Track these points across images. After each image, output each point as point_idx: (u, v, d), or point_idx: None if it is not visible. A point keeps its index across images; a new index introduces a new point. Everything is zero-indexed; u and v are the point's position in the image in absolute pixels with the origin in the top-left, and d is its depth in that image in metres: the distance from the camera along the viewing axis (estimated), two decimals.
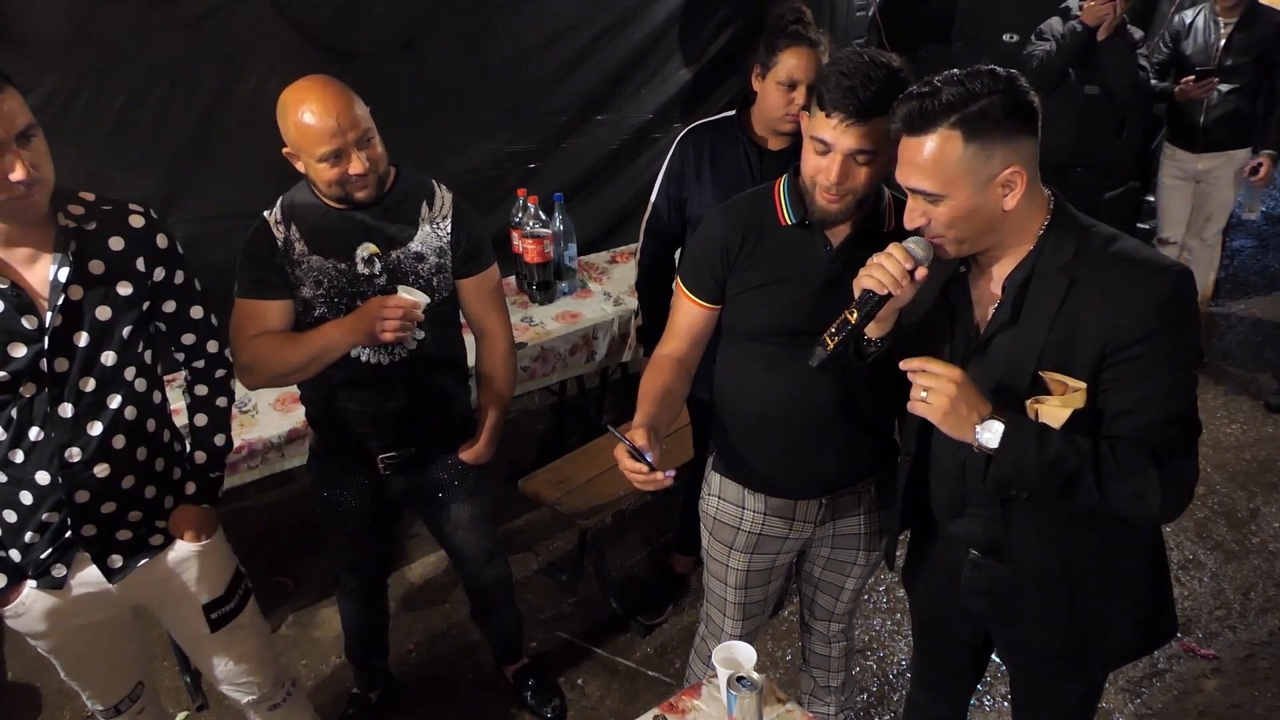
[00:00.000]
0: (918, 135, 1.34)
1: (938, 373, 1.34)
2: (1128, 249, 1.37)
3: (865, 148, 1.54)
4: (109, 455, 1.63)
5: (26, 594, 1.69)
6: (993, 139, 1.31)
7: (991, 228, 1.38)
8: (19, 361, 1.51)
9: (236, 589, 1.92)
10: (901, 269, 1.39)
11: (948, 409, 1.33)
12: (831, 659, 2.21)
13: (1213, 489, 3.58)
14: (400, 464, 2.12)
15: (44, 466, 1.59)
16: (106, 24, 2.44)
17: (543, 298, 3.10)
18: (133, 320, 1.62)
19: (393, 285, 1.92)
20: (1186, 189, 4.29)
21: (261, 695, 2.06)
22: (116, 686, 1.94)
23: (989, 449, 1.33)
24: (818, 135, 1.56)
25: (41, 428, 1.56)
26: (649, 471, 1.50)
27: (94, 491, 1.63)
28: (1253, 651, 2.84)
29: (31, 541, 1.65)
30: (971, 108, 1.31)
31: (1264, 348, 4.65)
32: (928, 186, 1.35)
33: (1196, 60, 3.94)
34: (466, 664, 2.83)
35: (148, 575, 1.77)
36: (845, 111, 1.51)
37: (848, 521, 1.92)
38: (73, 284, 1.53)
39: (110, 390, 1.61)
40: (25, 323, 1.50)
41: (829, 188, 1.57)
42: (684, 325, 1.82)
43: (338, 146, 1.77)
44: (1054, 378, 1.36)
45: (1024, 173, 1.34)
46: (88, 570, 1.71)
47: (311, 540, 3.15)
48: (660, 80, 3.53)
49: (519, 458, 3.57)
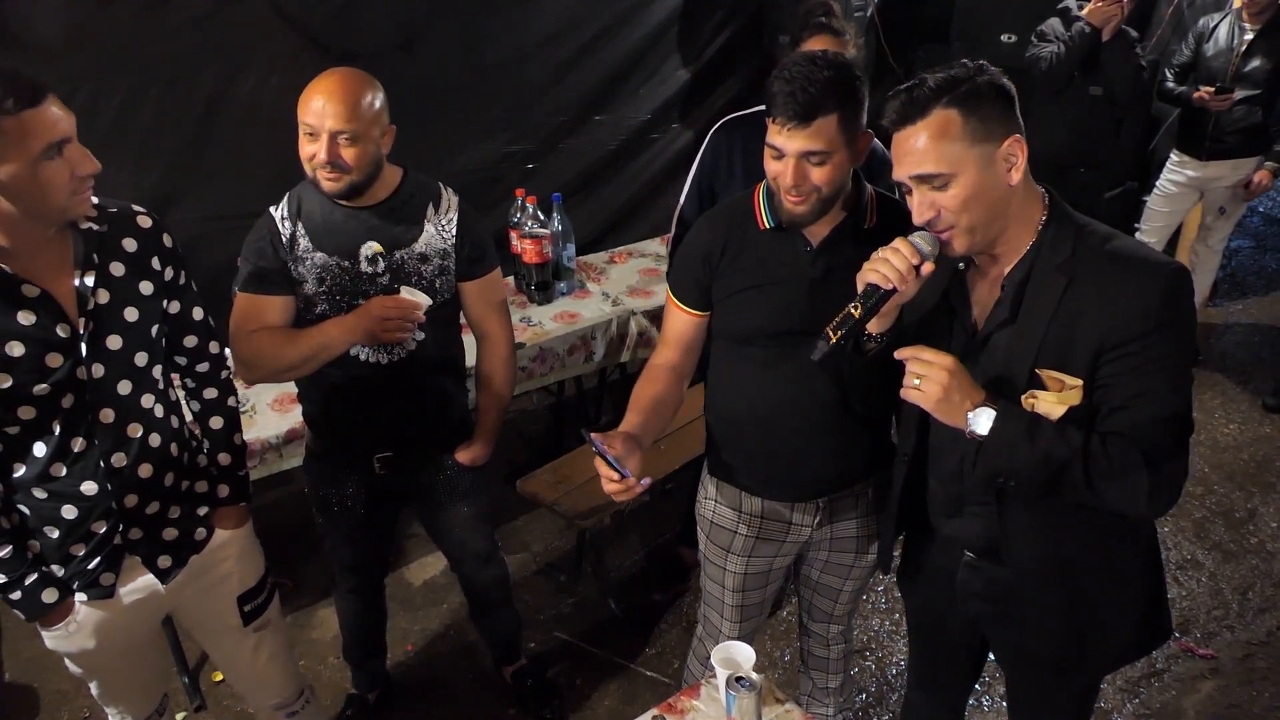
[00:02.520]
0: (914, 122, 1.34)
1: (931, 360, 1.34)
2: (1125, 247, 1.38)
3: (814, 148, 1.55)
4: (149, 454, 1.63)
5: (76, 609, 1.66)
6: (988, 113, 1.33)
7: (1000, 210, 1.38)
8: (58, 372, 1.49)
9: (266, 582, 1.93)
10: (908, 263, 1.38)
11: (940, 396, 1.33)
12: (830, 660, 2.21)
13: (1210, 489, 3.59)
14: (396, 464, 2.12)
15: (89, 476, 1.57)
16: (104, 25, 2.44)
17: (541, 298, 3.10)
18: (158, 319, 1.63)
19: (395, 285, 1.92)
20: (1185, 199, 4.27)
21: (282, 700, 2.05)
22: (148, 700, 1.92)
23: (979, 435, 1.34)
24: (770, 141, 1.59)
25: (85, 437, 1.55)
26: (621, 479, 1.50)
27: (141, 493, 1.63)
28: (1251, 651, 2.85)
29: (77, 554, 1.63)
30: (962, 88, 1.33)
31: (1262, 348, 4.65)
32: (932, 169, 1.34)
33: (1217, 64, 3.92)
34: (465, 664, 2.83)
35: (191, 571, 1.77)
36: (787, 115, 1.53)
37: (845, 524, 1.92)
38: (99, 289, 1.53)
39: (144, 390, 1.61)
40: (60, 331, 1.49)
41: (789, 190, 1.59)
42: (675, 334, 1.83)
43: (314, 124, 1.77)
44: (1051, 375, 1.37)
45: (1022, 142, 1.35)
46: (137, 579, 1.70)
47: (310, 541, 3.13)
48: (659, 80, 3.53)
49: (517, 458, 3.57)
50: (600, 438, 1.54)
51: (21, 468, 1.55)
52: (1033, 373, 1.38)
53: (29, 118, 1.34)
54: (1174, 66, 4.11)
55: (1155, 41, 4.61)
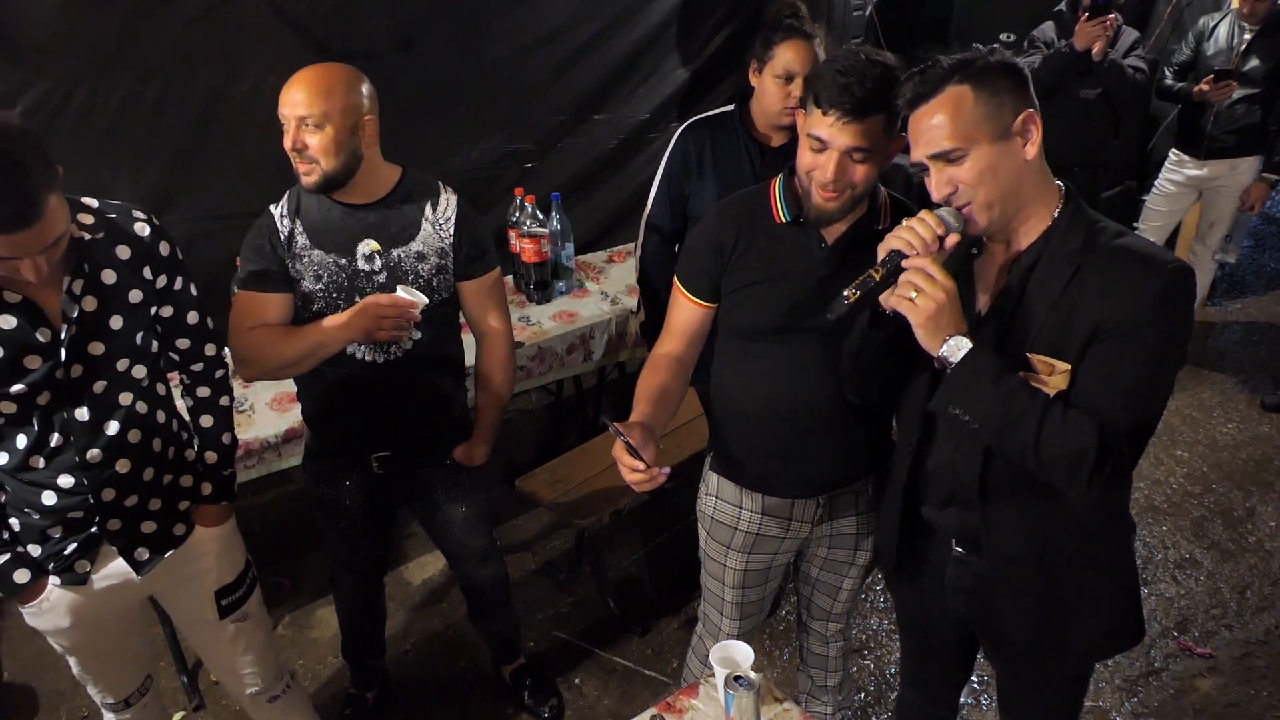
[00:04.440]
0: (928, 100, 1.36)
1: (934, 276, 1.35)
2: (1136, 243, 1.39)
3: (862, 145, 1.54)
4: (127, 450, 1.65)
5: (49, 590, 1.71)
6: (1001, 88, 1.34)
7: (1016, 186, 1.38)
8: (35, 374, 1.52)
9: (245, 577, 1.94)
10: (933, 234, 1.38)
11: (932, 312, 1.34)
12: (829, 658, 2.21)
13: (1209, 488, 3.59)
14: (395, 463, 2.12)
15: (66, 469, 1.60)
16: (101, 24, 2.44)
17: (540, 297, 3.10)
18: (144, 326, 1.64)
19: (392, 283, 1.92)
20: (1183, 198, 4.27)
21: (262, 687, 2.07)
22: (128, 680, 1.96)
23: (950, 362, 1.35)
24: (814, 133, 1.56)
25: (61, 433, 1.57)
26: (644, 468, 1.50)
27: (118, 487, 1.65)
28: (1249, 650, 2.85)
29: (54, 536, 1.67)
30: (974, 65, 1.35)
31: (1260, 347, 4.66)
32: (947, 144, 1.35)
33: (1217, 63, 3.93)
34: (464, 664, 2.83)
35: (167, 563, 1.79)
36: (841, 109, 1.51)
37: (845, 521, 1.92)
38: (86, 295, 1.54)
39: (121, 389, 1.62)
40: (39, 336, 1.51)
41: (825, 185, 1.58)
42: (681, 324, 1.82)
43: (284, 113, 1.79)
44: (1040, 359, 1.38)
45: (1037, 118, 1.36)
46: (111, 564, 1.73)
47: (308, 540, 3.14)
48: (657, 80, 3.53)
49: (516, 457, 3.57)
50: (621, 427, 1.54)
51: (4, 455, 1.58)
52: (1025, 356, 1.39)
53: (19, 237, 1.34)
54: (1173, 65, 4.11)
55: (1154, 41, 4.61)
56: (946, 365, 1.37)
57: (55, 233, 1.38)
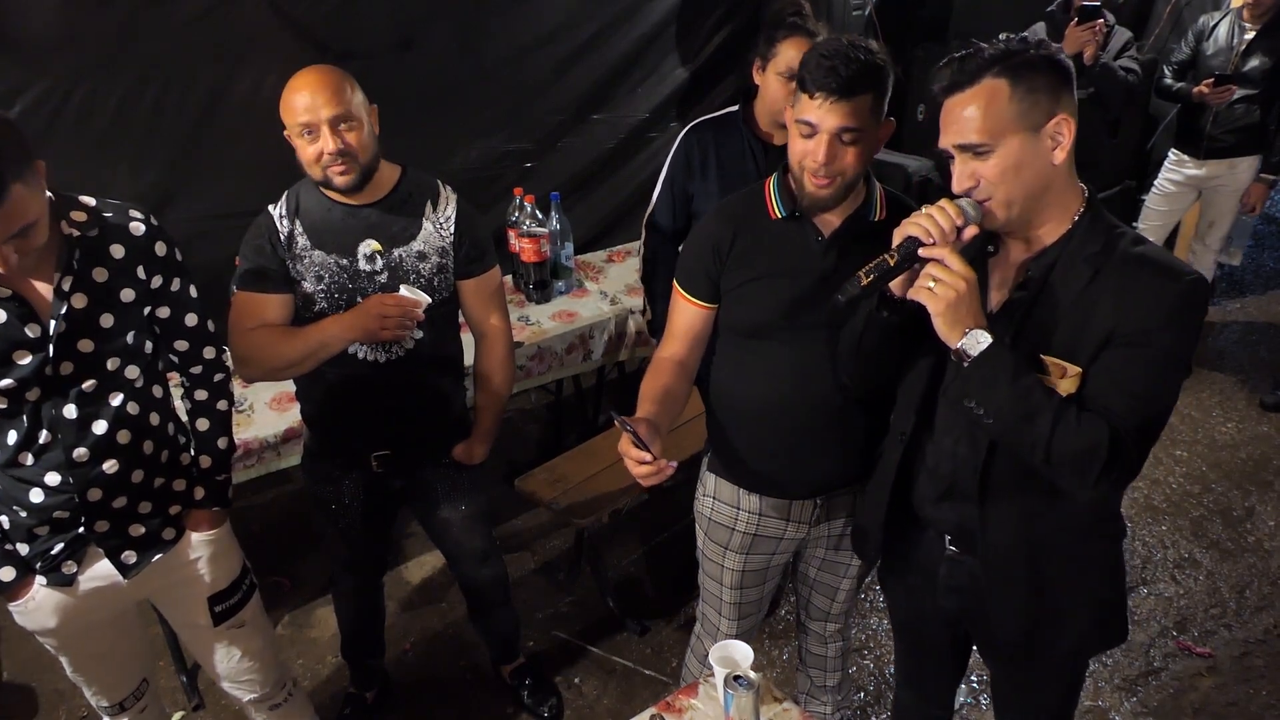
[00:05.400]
0: (964, 89, 1.35)
1: (953, 267, 1.34)
2: (1153, 251, 1.39)
3: (850, 124, 1.55)
4: (115, 451, 1.63)
5: (35, 589, 1.70)
6: (1038, 85, 1.33)
7: (1039, 189, 1.38)
8: (24, 369, 1.51)
9: (241, 584, 1.92)
10: (951, 223, 1.37)
11: (952, 301, 1.33)
12: (828, 659, 2.21)
13: (1208, 487, 3.59)
14: (394, 462, 2.12)
15: (53, 468, 1.59)
16: (101, 24, 2.43)
17: (539, 297, 3.10)
18: (135, 325, 1.63)
19: (394, 283, 1.92)
20: (1183, 198, 4.27)
21: (262, 694, 2.05)
22: (122, 683, 1.94)
23: (969, 355, 1.34)
24: (803, 118, 1.57)
25: (49, 430, 1.57)
26: (652, 460, 1.49)
27: (105, 488, 1.64)
28: (1248, 649, 2.85)
29: (41, 535, 1.66)
30: (1015, 59, 1.34)
31: (1259, 346, 4.66)
32: (975, 138, 1.35)
33: (1216, 62, 3.92)
34: (463, 663, 2.83)
35: (157, 567, 1.77)
36: (828, 90, 1.52)
37: (843, 522, 1.92)
38: (76, 292, 1.54)
39: (111, 388, 1.61)
40: (29, 331, 1.50)
41: (817, 170, 1.58)
42: (683, 326, 1.82)
43: (309, 120, 1.78)
44: (1053, 361, 1.38)
45: (1070, 122, 1.35)
46: (98, 565, 1.72)
47: (308, 540, 3.15)
48: (657, 79, 3.53)
49: (516, 457, 3.57)
50: (627, 420, 1.54)
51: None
52: (1037, 357, 1.39)
53: None
54: (1173, 64, 4.11)
55: (1153, 40, 4.61)
56: (963, 358, 1.35)
57: (20, 221, 1.37)
